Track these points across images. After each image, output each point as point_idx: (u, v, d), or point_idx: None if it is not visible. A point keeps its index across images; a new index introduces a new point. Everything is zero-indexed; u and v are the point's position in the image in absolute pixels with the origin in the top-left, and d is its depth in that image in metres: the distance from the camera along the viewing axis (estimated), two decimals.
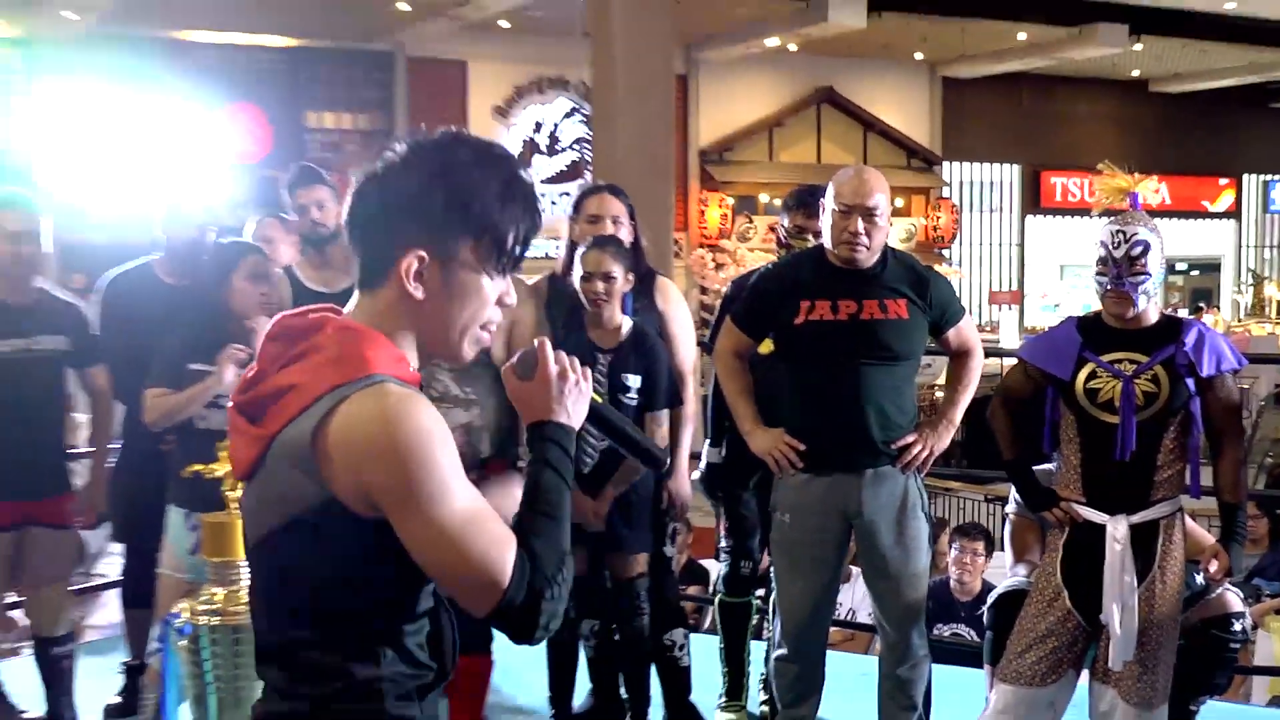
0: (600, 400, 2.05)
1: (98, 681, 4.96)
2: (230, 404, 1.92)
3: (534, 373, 1.94)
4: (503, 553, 1.78)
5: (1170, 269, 28.60)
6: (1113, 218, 3.83)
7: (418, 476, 1.73)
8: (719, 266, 21.63)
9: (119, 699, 4.90)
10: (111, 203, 15.14)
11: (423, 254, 1.83)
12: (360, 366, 1.78)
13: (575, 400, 1.96)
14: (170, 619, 3.15)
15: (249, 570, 1.93)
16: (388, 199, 1.86)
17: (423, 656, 1.88)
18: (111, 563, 6.39)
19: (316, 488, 1.76)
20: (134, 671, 4.84)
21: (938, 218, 24.83)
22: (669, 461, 2.11)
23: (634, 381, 4.32)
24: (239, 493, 3.30)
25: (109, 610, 6.35)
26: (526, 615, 1.80)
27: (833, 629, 5.39)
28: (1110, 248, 3.74)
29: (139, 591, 4.66)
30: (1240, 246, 30.21)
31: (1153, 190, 4.03)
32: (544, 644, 4.48)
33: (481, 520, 1.78)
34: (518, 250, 1.92)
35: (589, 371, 2.01)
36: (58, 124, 16.09)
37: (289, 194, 5.11)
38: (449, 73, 21.29)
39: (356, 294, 1.90)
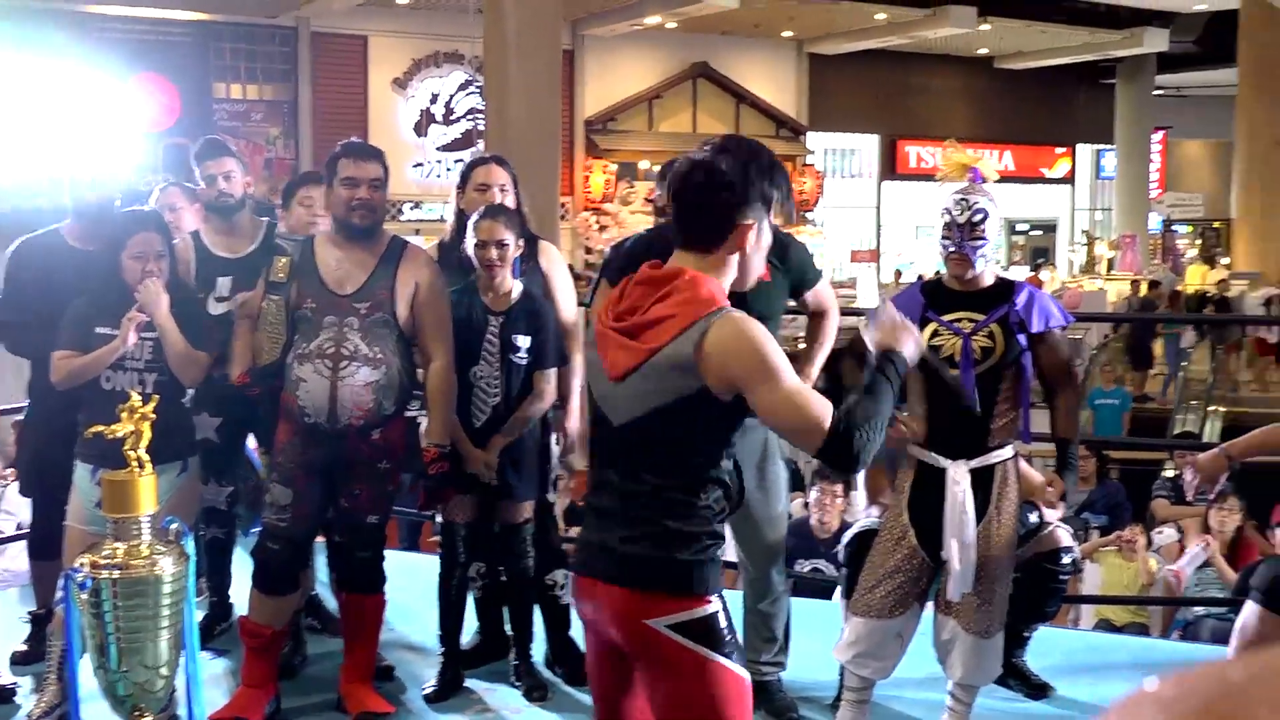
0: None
1: (3, 630, 4.79)
2: (611, 327, 2.49)
3: (880, 319, 2.64)
4: (824, 410, 2.38)
5: (1012, 229, 29.30)
6: (957, 188, 3.87)
7: (764, 365, 2.37)
8: (603, 228, 21.63)
9: (25, 647, 4.72)
10: (22, 170, 14.63)
11: (752, 223, 2.47)
12: (711, 303, 2.41)
13: (909, 342, 2.62)
14: (72, 573, 3.04)
15: (617, 443, 2.50)
16: (724, 186, 2.46)
17: (730, 491, 2.52)
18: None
19: (696, 382, 2.38)
20: (39, 620, 4.68)
21: (803, 183, 24.96)
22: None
23: (524, 342, 4.26)
24: (140, 452, 3.23)
25: (10, 559, 6.14)
26: (844, 450, 2.39)
27: None
28: (954, 214, 3.79)
29: (45, 543, 4.51)
30: (1074, 210, 30.88)
31: (993, 167, 4.07)
32: (435, 584, 4.44)
33: (805, 389, 2.43)
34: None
35: (913, 326, 2.67)
36: None
37: (196, 164, 4.93)
38: (350, 47, 20.96)
39: (680, 251, 2.51)
